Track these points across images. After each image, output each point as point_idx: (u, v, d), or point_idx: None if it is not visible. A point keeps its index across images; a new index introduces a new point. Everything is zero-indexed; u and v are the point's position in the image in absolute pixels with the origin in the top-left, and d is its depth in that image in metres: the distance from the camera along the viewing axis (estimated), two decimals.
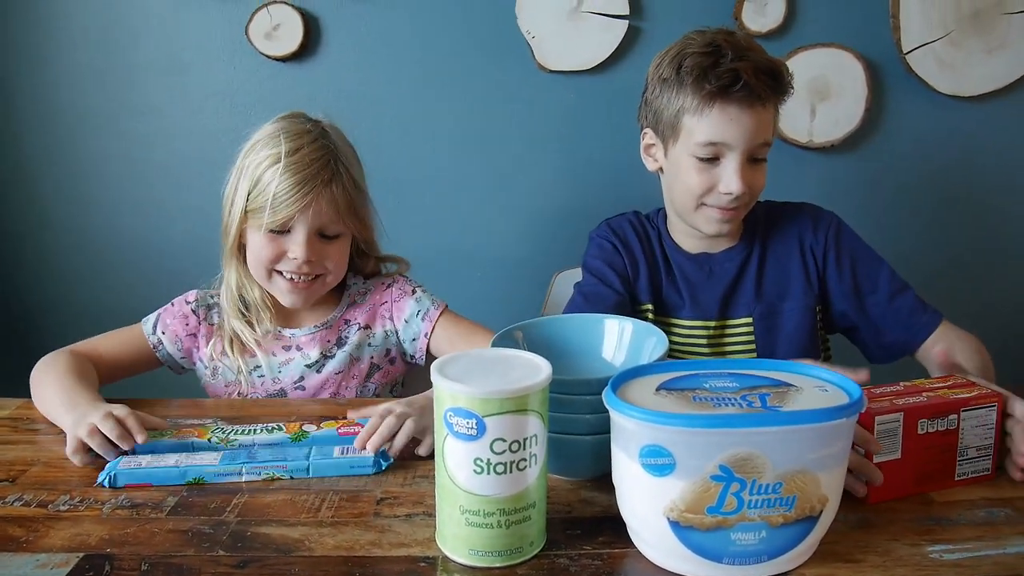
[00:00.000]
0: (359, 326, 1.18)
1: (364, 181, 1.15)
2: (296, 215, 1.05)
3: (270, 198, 1.04)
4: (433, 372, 0.62)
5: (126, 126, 1.76)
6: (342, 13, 1.70)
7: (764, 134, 1.07)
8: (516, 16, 1.69)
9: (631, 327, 0.83)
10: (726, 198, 1.08)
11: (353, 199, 1.10)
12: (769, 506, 0.58)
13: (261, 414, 0.99)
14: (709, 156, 1.07)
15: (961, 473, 0.77)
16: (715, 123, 1.05)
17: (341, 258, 1.13)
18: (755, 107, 1.04)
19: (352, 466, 0.81)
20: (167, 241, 1.80)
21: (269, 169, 1.05)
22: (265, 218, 1.04)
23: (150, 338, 1.14)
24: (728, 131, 1.05)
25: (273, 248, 1.07)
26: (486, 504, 0.61)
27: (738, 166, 1.06)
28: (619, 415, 0.60)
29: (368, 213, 1.16)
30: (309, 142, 1.07)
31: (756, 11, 1.68)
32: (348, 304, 1.20)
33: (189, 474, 0.79)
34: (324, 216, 1.07)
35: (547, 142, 1.77)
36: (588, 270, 1.22)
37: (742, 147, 1.05)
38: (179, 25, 1.71)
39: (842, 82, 1.72)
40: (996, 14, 1.70)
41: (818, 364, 0.69)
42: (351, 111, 1.74)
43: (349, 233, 1.13)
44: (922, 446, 0.74)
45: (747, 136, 1.05)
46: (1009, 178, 1.80)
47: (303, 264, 1.07)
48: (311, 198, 1.04)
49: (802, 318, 1.15)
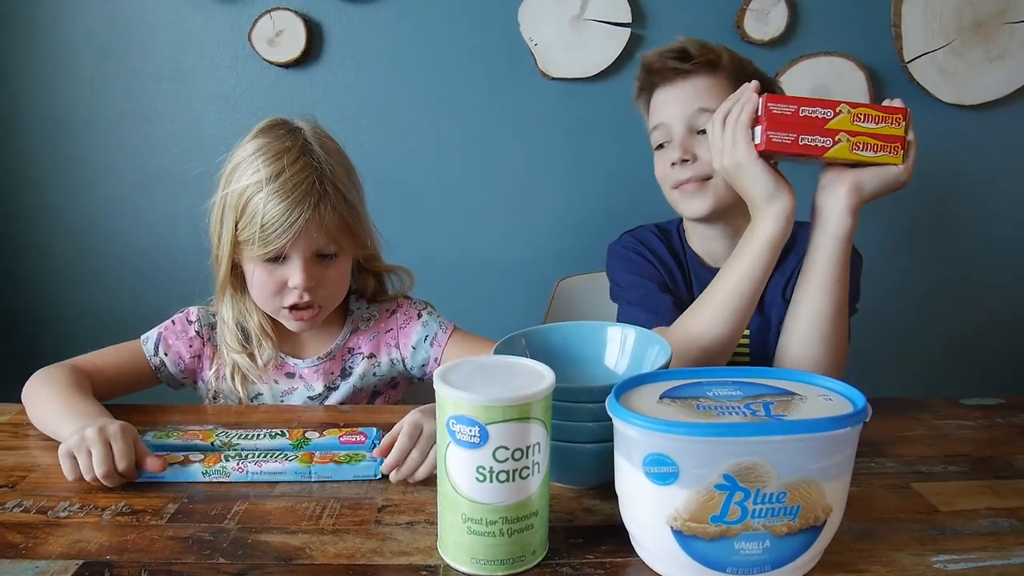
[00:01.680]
0: (363, 355, 1.14)
1: (356, 192, 1.07)
2: (287, 244, 0.99)
3: (258, 229, 0.98)
4: (436, 379, 0.62)
5: (129, 132, 1.77)
6: (345, 19, 1.71)
7: (697, 101, 1.13)
8: (519, 23, 1.70)
9: (633, 335, 0.83)
10: (676, 170, 1.15)
11: (345, 217, 1.02)
12: (773, 515, 0.58)
13: (263, 420, 0.99)
14: (658, 141, 1.18)
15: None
16: (653, 109, 1.19)
17: (341, 279, 1.08)
18: (675, 81, 1.15)
19: (356, 475, 0.81)
20: (170, 247, 1.80)
21: (253, 198, 0.99)
22: (256, 250, 0.99)
23: (151, 359, 1.10)
24: (660, 111, 1.18)
25: (274, 280, 1.02)
26: (488, 512, 0.61)
27: (679, 138, 1.15)
28: (622, 423, 0.60)
29: (364, 228, 1.08)
30: (290, 162, 1.00)
31: (758, 20, 1.69)
32: (352, 331, 1.15)
33: (190, 475, 0.80)
34: (318, 239, 1.01)
35: (549, 149, 1.78)
36: (627, 282, 1.21)
37: (676, 119, 1.15)
38: (182, 31, 1.72)
39: (844, 91, 1.73)
40: (997, 23, 1.70)
41: None
42: (353, 117, 1.75)
43: (347, 252, 1.07)
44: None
45: (676, 107, 1.15)
46: (1012, 186, 1.81)
47: (304, 292, 1.02)
48: (300, 225, 0.98)
49: None
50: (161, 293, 1.76)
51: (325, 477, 0.81)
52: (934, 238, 1.83)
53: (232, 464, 0.81)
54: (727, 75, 1.14)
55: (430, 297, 1.24)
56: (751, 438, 0.57)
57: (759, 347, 1.15)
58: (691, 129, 1.14)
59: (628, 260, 1.22)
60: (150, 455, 0.81)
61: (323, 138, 1.07)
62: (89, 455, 0.78)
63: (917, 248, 1.82)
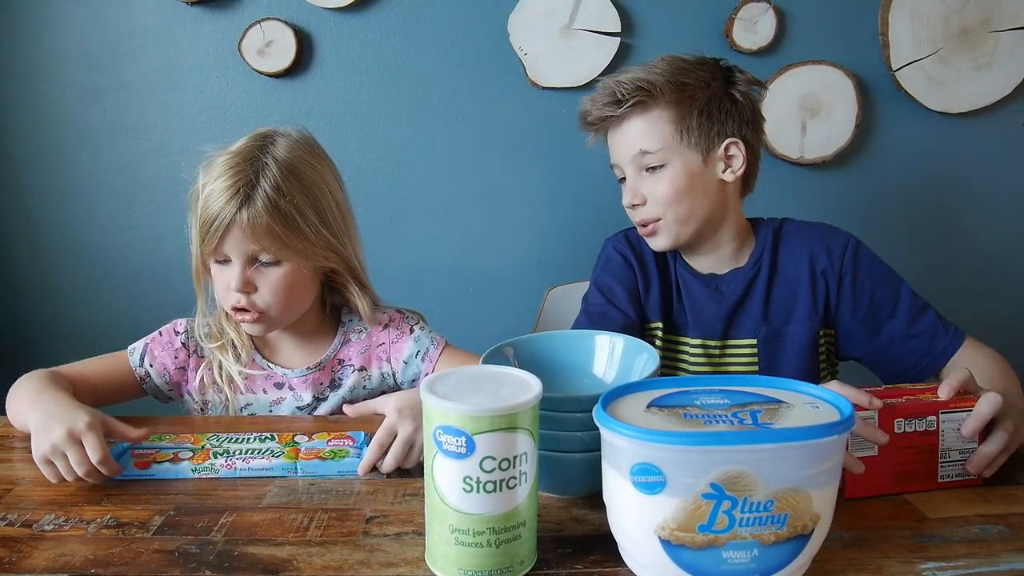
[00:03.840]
0: (354, 368, 1.13)
1: (306, 204, 1.03)
2: (219, 245, 1.01)
3: (199, 228, 1.02)
4: (423, 390, 0.62)
5: (118, 144, 1.76)
6: (335, 30, 1.71)
7: (638, 143, 1.14)
8: (508, 33, 1.70)
9: (622, 343, 0.83)
10: (630, 211, 1.18)
11: (273, 225, 0.99)
12: (761, 524, 0.58)
13: (251, 431, 0.98)
14: (619, 178, 1.21)
15: (944, 475, 0.78)
16: (610, 148, 1.20)
17: (284, 288, 1.04)
18: (613, 128, 1.17)
19: (340, 471, 0.83)
20: (158, 260, 1.80)
21: (200, 199, 1.02)
22: (202, 247, 1.03)
23: (137, 370, 1.10)
24: (612, 153, 1.20)
25: (220, 280, 1.05)
26: (476, 523, 0.61)
27: (630, 179, 1.17)
28: (610, 433, 0.60)
29: (307, 241, 1.03)
30: (231, 165, 1.01)
31: (747, 29, 1.70)
32: (343, 342, 1.15)
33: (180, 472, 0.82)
34: (246, 244, 1.00)
35: (540, 158, 1.78)
36: (597, 286, 1.21)
37: (624, 161, 1.17)
38: (171, 43, 1.72)
39: (832, 99, 1.74)
40: (983, 32, 1.72)
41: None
42: (344, 127, 1.75)
43: (289, 261, 1.03)
44: (899, 445, 0.76)
45: (620, 151, 1.16)
46: (998, 193, 1.82)
47: (237, 294, 1.02)
48: (227, 223, 0.99)
49: (805, 342, 1.14)
50: (148, 307, 1.76)
51: (311, 473, 0.82)
52: (925, 244, 1.84)
53: (221, 461, 0.82)
54: (665, 105, 1.11)
55: (420, 306, 1.24)
56: (738, 447, 0.57)
57: (766, 357, 1.15)
58: (639, 169, 1.15)
59: (610, 260, 1.23)
60: (130, 429, 0.85)
61: (299, 149, 1.06)
62: (65, 458, 0.80)
63: (908, 253, 1.83)
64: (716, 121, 1.12)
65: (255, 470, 0.82)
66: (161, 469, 0.82)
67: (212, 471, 0.82)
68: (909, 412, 0.76)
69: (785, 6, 1.71)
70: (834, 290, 1.15)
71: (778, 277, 1.17)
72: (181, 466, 0.82)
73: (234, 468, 0.82)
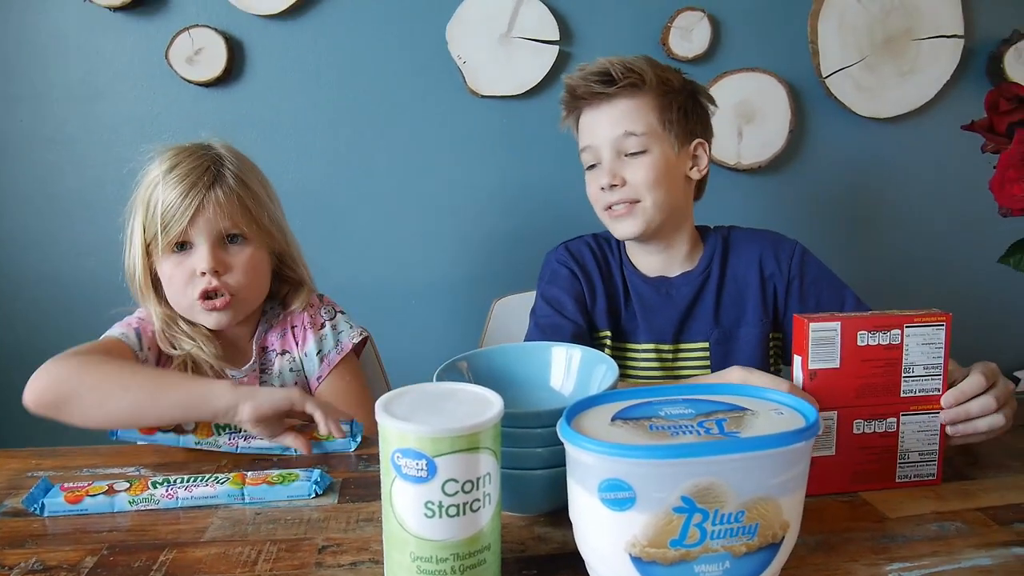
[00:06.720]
0: (276, 352, 1.14)
1: (262, 186, 1.11)
2: (188, 227, 1.02)
3: (159, 218, 1.01)
4: (378, 410, 0.59)
5: (37, 156, 1.66)
6: (267, 37, 1.66)
7: (622, 125, 1.13)
8: (447, 41, 1.68)
9: (579, 355, 0.81)
10: (604, 194, 1.15)
11: (244, 199, 1.05)
12: (732, 536, 0.57)
13: (190, 460, 0.92)
14: (589, 163, 1.18)
15: (902, 475, 0.79)
16: (581, 131, 1.19)
17: (252, 269, 1.07)
18: (600, 106, 1.15)
19: (290, 495, 0.79)
20: (79, 277, 1.69)
21: (153, 193, 1.03)
22: (160, 240, 1.01)
23: (139, 354, 1.05)
24: (587, 134, 1.18)
25: (183, 270, 1.03)
26: (439, 550, 0.58)
27: (607, 162, 1.15)
28: (576, 449, 0.58)
29: (269, 218, 1.10)
30: (187, 156, 1.05)
31: (682, 37, 1.72)
32: (266, 330, 1.15)
33: (116, 504, 0.76)
34: (217, 221, 1.03)
35: (480, 167, 1.76)
36: (544, 299, 1.20)
37: (604, 143, 1.15)
38: (94, 49, 1.63)
39: (766, 105, 1.77)
40: (906, 40, 1.78)
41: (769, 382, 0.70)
42: (278, 137, 1.69)
43: (255, 241, 1.08)
44: (858, 445, 0.77)
45: (602, 131, 1.15)
46: (926, 194, 1.89)
47: (211, 276, 1.02)
48: (198, 202, 1.01)
49: (757, 344, 1.16)
50: (68, 324, 1.66)
51: (259, 499, 0.78)
52: (858, 245, 1.89)
53: (161, 491, 0.77)
54: (652, 94, 1.14)
55: (360, 319, 1.21)
56: (709, 458, 0.55)
57: (719, 360, 1.16)
58: (619, 152, 1.14)
59: (555, 273, 1.23)
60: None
61: (231, 149, 1.11)
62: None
63: (841, 254, 1.88)
64: (690, 120, 1.17)
65: (199, 499, 0.77)
66: (95, 503, 0.76)
67: (152, 502, 0.76)
68: (870, 414, 0.76)
69: (719, 15, 1.74)
70: (782, 295, 1.17)
71: (727, 281, 1.18)
72: (117, 498, 0.76)
73: (176, 498, 0.76)
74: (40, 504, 0.77)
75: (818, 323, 0.74)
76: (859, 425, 0.77)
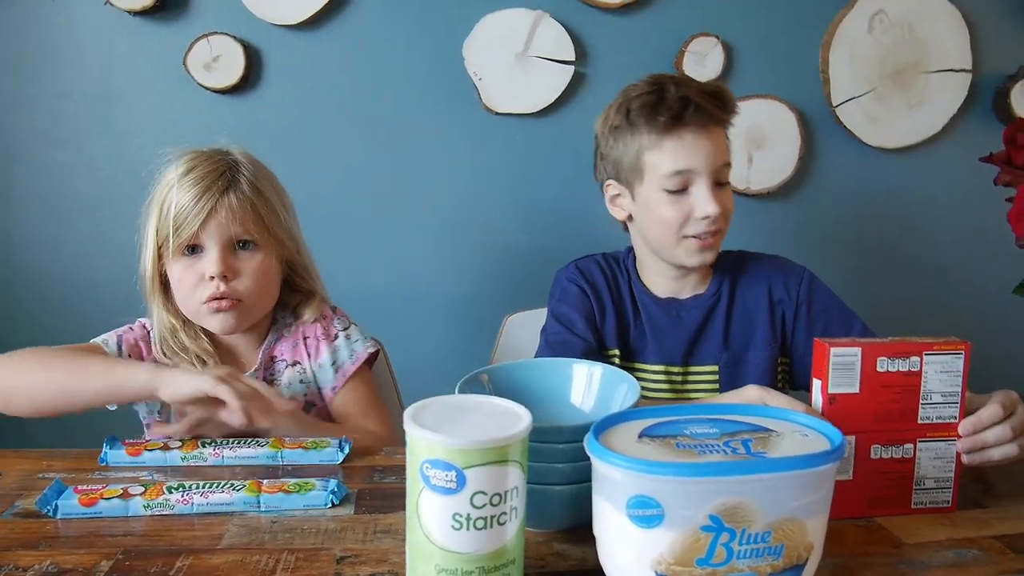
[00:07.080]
0: (287, 363, 1.14)
1: (276, 194, 1.12)
2: (199, 230, 1.03)
3: (171, 220, 1.02)
4: (406, 420, 0.59)
5: (48, 156, 1.67)
6: (285, 47, 1.67)
7: (723, 155, 1.11)
8: (463, 58, 1.69)
9: (600, 372, 0.82)
10: (703, 223, 1.09)
11: (256, 206, 1.06)
12: (758, 556, 0.57)
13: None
14: (678, 187, 1.09)
15: (917, 502, 0.79)
16: (676, 152, 1.08)
17: (262, 275, 1.08)
18: (709, 129, 1.09)
19: (307, 504, 0.78)
20: (90, 279, 1.69)
21: (168, 195, 1.04)
22: (172, 242, 1.02)
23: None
24: (690, 157, 1.08)
25: (192, 273, 1.04)
26: (465, 562, 0.58)
27: (708, 189, 1.09)
28: (604, 464, 0.58)
29: (281, 226, 1.11)
30: (203, 160, 1.07)
31: (696, 62, 1.74)
32: (276, 339, 1.15)
33: (131, 508, 0.76)
34: (229, 226, 1.04)
35: (494, 184, 1.77)
36: (555, 316, 1.20)
37: (707, 170, 1.08)
38: (112, 52, 1.64)
39: (776, 132, 1.79)
40: (916, 73, 1.80)
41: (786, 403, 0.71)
42: (292, 147, 1.70)
43: (266, 248, 1.08)
44: (875, 470, 0.77)
45: (708, 158, 1.08)
46: (933, 224, 1.90)
47: (219, 280, 1.03)
48: (210, 206, 1.02)
49: (765, 368, 1.16)
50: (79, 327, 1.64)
51: (275, 508, 0.78)
52: (859, 273, 1.90)
53: (176, 496, 0.76)
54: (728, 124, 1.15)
55: (370, 332, 1.22)
56: (737, 477, 0.56)
57: (728, 383, 1.16)
58: (714, 181, 1.10)
59: (565, 291, 1.22)
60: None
61: (248, 156, 1.12)
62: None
63: (848, 282, 1.88)
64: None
65: (214, 505, 0.77)
66: (109, 506, 0.76)
67: (167, 507, 0.76)
68: (887, 439, 0.77)
69: (733, 41, 1.76)
70: (790, 320, 1.17)
71: (737, 305, 1.19)
72: (132, 502, 0.76)
73: (191, 503, 0.76)
74: (54, 506, 0.76)
75: (839, 348, 0.75)
76: (876, 450, 0.77)
